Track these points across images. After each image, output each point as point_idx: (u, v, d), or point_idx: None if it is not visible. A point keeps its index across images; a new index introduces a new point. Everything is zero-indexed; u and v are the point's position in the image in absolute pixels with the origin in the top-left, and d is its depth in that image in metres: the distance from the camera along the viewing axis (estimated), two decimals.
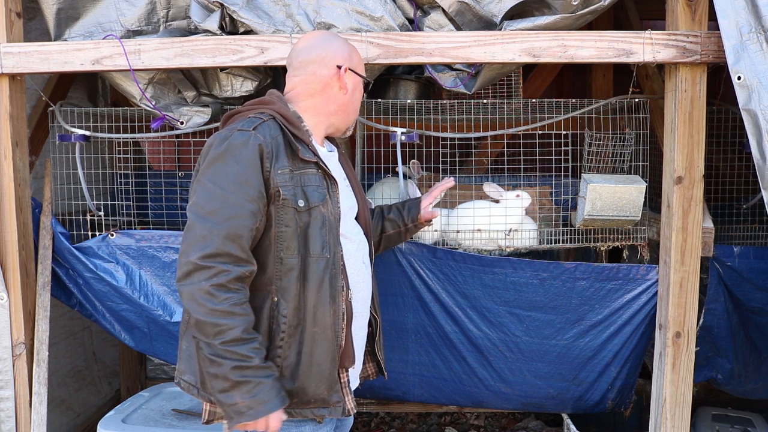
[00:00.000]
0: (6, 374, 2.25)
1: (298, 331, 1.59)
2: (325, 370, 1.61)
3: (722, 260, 2.42)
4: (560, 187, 2.54)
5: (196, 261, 1.47)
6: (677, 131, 2.11)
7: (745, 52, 1.90)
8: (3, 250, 2.23)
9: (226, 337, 1.46)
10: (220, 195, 1.50)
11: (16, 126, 2.24)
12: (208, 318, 1.46)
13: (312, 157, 1.63)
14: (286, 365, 1.59)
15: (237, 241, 1.50)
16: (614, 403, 2.54)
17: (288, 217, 1.57)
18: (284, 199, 1.56)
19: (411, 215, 2.06)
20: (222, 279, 1.47)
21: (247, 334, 1.48)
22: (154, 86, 2.38)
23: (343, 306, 1.64)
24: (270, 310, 1.58)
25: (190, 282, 1.47)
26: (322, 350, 1.60)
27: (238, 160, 1.52)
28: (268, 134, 1.58)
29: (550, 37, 2.10)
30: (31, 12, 2.51)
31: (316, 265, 1.59)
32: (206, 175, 1.54)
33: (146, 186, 2.96)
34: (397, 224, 2.06)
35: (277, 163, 1.56)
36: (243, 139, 1.54)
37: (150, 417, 2.51)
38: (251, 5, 2.19)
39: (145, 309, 2.41)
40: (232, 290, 1.48)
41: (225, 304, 1.46)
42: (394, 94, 2.68)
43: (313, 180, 1.62)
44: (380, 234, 2.06)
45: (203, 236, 1.48)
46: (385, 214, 2.07)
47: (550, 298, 2.41)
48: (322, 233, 1.60)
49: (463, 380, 2.53)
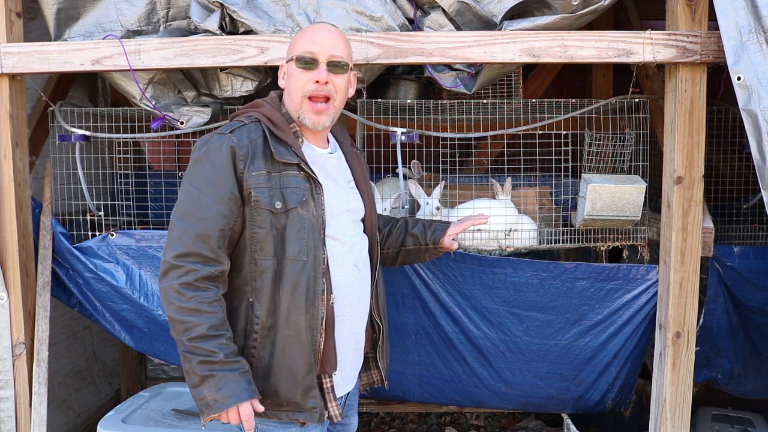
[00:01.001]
0: (6, 374, 2.25)
1: (271, 332, 1.61)
2: (298, 374, 1.61)
3: (722, 260, 2.42)
4: (560, 187, 2.54)
5: (170, 260, 1.53)
6: (677, 131, 2.11)
7: (744, 52, 1.90)
8: (3, 250, 2.23)
9: (192, 334, 1.50)
10: (195, 196, 1.56)
11: (16, 126, 2.24)
12: (176, 315, 1.51)
13: (293, 158, 1.63)
14: (260, 366, 1.61)
15: (207, 241, 1.54)
16: (614, 403, 2.54)
17: (261, 218, 1.59)
18: (256, 201, 1.58)
19: (434, 237, 2.00)
20: (190, 278, 1.52)
21: (214, 331, 1.51)
22: (154, 86, 2.38)
23: (323, 310, 1.62)
24: (246, 310, 1.62)
25: (164, 280, 1.54)
26: (295, 354, 1.61)
27: (213, 163, 1.57)
28: (246, 137, 1.61)
29: (550, 37, 2.10)
30: (31, 12, 2.51)
31: (291, 268, 1.59)
32: (187, 177, 1.60)
33: (146, 186, 2.96)
34: (419, 241, 2.01)
35: (252, 165, 1.58)
36: (219, 142, 1.58)
37: (150, 417, 2.51)
38: (251, 5, 2.19)
39: (145, 309, 2.41)
40: (200, 288, 1.52)
41: (192, 302, 1.51)
42: (394, 94, 2.68)
43: (294, 182, 1.62)
44: (400, 246, 2.02)
45: (178, 236, 1.55)
46: (409, 228, 2.03)
47: (550, 298, 2.41)
48: (299, 236, 1.60)
49: (463, 380, 2.53)
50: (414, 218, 2.10)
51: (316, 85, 1.65)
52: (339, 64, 1.67)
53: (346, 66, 1.70)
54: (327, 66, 1.66)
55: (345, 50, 1.70)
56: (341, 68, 1.68)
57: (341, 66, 1.68)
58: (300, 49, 1.67)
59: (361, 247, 1.77)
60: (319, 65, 1.66)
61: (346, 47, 1.72)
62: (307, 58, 1.66)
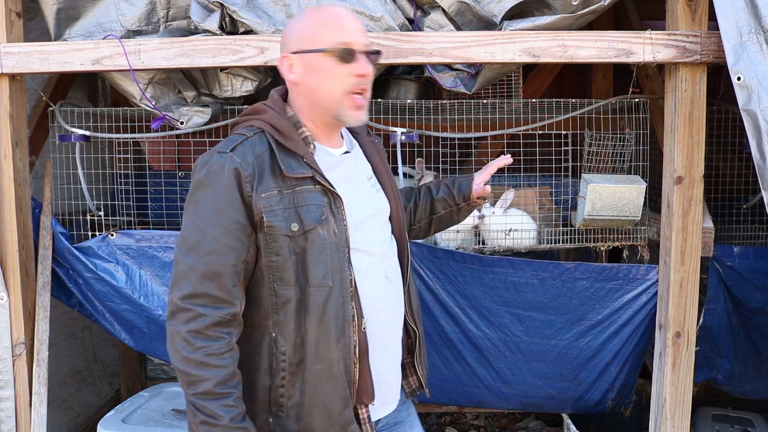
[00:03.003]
0: (6, 374, 2.24)
1: (300, 369, 1.43)
2: (334, 411, 1.43)
3: (722, 260, 2.42)
4: (560, 187, 2.54)
5: (177, 302, 1.36)
6: (677, 131, 2.11)
7: (744, 52, 1.90)
8: (3, 250, 2.23)
9: (198, 389, 1.34)
10: (199, 227, 1.38)
11: (16, 126, 2.24)
12: (180, 366, 1.35)
13: (306, 171, 1.43)
14: (291, 405, 1.44)
15: (215, 279, 1.36)
16: (614, 403, 2.54)
17: (278, 245, 1.40)
18: (270, 227, 1.39)
19: (462, 193, 1.82)
20: (199, 324, 1.34)
21: (221, 388, 1.34)
22: (154, 86, 2.38)
23: (355, 338, 1.44)
24: (269, 346, 1.44)
25: (171, 323, 1.38)
26: (328, 390, 1.43)
27: (215, 188, 1.38)
28: (250, 154, 1.40)
29: (550, 37, 2.10)
30: (31, 12, 2.50)
31: (316, 296, 1.41)
32: (189, 204, 1.42)
33: (146, 186, 2.95)
34: (448, 203, 1.84)
35: (260, 185, 1.39)
36: (220, 163, 1.38)
37: (150, 417, 2.51)
38: (251, 5, 2.19)
39: (145, 309, 2.41)
40: (209, 338, 1.35)
41: (198, 354, 1.34)
42: (394, 94, 2.68)
43: (309, 198, 1.42)
44: (430, 215, 1.86)
45: (184, 274, 1.37)
46: (434, 194, 1.84)
47: (550, 298, 2.41)
48: (322, 258, 1.41)
49: (463, 380, 2.53)
50: (435, 182, 1.92)
51: (359, 79, 1.45)
52: (374, 51, 1.50)
53: (378, 53, 1.52)
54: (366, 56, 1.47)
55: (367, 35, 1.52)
56: (375, 57, 1.50)
57: (375, 54, 1.50)
58: (332, 39, 1.44)
59: (390, 254, 1.58)
60: (358, 56, 1.45)
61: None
62: (347, 50, 1.43)
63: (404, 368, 1.68)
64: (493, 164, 1.84)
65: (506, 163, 1.84)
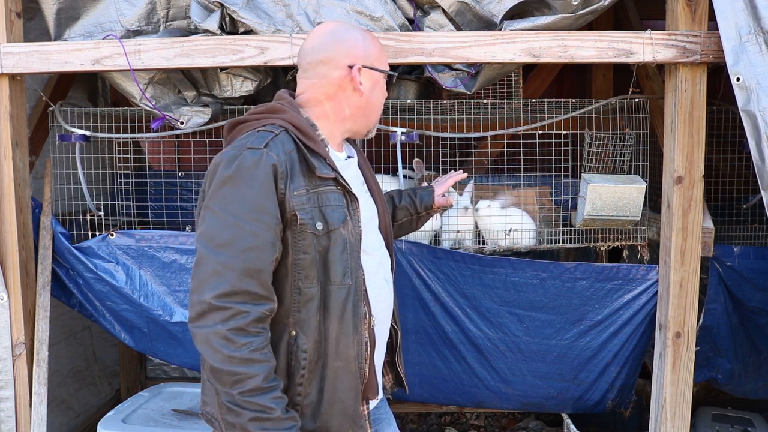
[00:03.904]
0: (6, 374, 2.25)
1: (318, 366, 1.45)
2: (349, 406, 1.47)
3: (722, 260, 2.42)
4: (560, 187, 2.54)
5: (211, 301, 1.31)
6: (677, 131, 2.11)
7: (744, 53, 1.90)
8: (3, 250, 2.23)
9: (245, 387, 1.31)
10: (233, 224, 1.34)
11: (16, 126, 2.24)
12: (225, 366, 1.31)
13: (330, 172, 1.46)
14: (307, 403, 1.45)
15: (256, 276, 1.34)
16: (614, 403, 2.55)
17: (306, 243, 1.41)
18: (302, 224, 1.40)
19: (424, 203, 1.96)
20: (240, 322, 1.31)
21: (268, 383, 1.34)
22: (154, 86, 2.38)
23: (366, 335, 1.49)
24: (288, 345, 1.43)
25: (203, 324, 1.33)
26: (346, 385, 1.47)
27: (250, 184, 1.36)
28: (282, 151, 1.41)
29: (550, 37, 2.10)
30: (31, 12, 2.51)
31: (337, 294, 1.44)
32: (215, 200, 1.37)
33: (146, 186, 2.96)
34: (409, 212, 1.96)
35: (292, 183, 1.40)
36: (254, 158, 1.37)
37: (150, 417, 2.51)
38: (251, 5, 2.19)
39: (145, 309, 2.41)
40: (252, 334, 1.33)
41: (244, 351, 1.31)
42: (394, 94, 2.68)
43: (332, 199, 1.46)
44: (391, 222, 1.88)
45: (216, 271, 1.33)
46: (396, 202, 1.95)
47: (550, 298, 2.41)
48: (343, 258, 1.44)
49: (463, 380, 2.53)
50: (396, 191, 2.01)
51: None
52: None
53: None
54: None
55: None
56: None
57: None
58: (385, 62, 1.61)
59: (387, 256, 1.65)
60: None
61: None
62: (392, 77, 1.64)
63: (384, 366, 1.73)
64: (450, 178, 2.06)
65: (462, 178, 2.08)
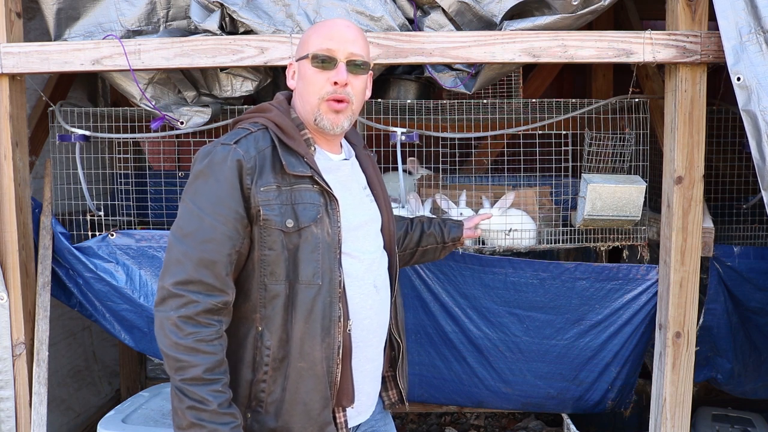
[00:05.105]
0: (6, 374, 2.25)
1: (283, 365, 1.45)
2: (313, 410, 1.46)
3: (722, 260, 2.42)
4: (560, 187, 2.54)
5: (169, 287, 1.37)
6: (677, 131, 2.11)
7: (744, 53, 1.90)
8: (3, 250, 2.23)
9: (186, 375, 1.35)
10: (197, 215, 1.39)
11: (16, 126, 2.24)
12: (170, 351, 1.36)
13: (306, 171, 1.46)
14: (271, 401, 1.46)
15: (210, 267, 1.37)
16: (614, 403, 2.55)
17: (272, 239, 1.43)
18: (266, 220, 1.42)
19: (452, 235, 2.01)
20: (190, 310, 1.36)
21: (209, 374, 1.35)
22: (154, 86, 2.38)
23: (339, 339, 1.47)
24: (254, 340, 1.46)
25: (161, 309, 1.38)
26: (310, 388, 1.45)
27: (216, 178, 1.40)
28: (253, 147, 1.44)
29: (550, 37, 2.10)
30: (31, 12, 2.51)
31: (305, 293, 1.44)
32: (188, 192, 1.43)
33: (146, 186, 2.96)
34: (436, 240, 1.99)
35: (260, 179, 1.42)
36: (223, 154, 1.41)
37: (150, 417, 2.51)
38: (251, 5, 2.19)
39: (145, 309, 2.41)
40: (200, 324, 1.36)
41: (189, 339, 1.35)
42: (394, 94, 2.68)
43: (307, 197, 1.46)
44: (416, 246, 1.96)
45: (178, 260, 1.38)
46: (425, 228, 1.98)
47: (550, 298, 2.41)
48: (314, 257, 1.44)
49: (463, 380, 2.53)
50: (427, 217, 2.04)
51: (335, 87, 1.49)
52: (359, 63, 1.50)
53: (366, 66, 1.53)
54: (346, 65, 1.49)
55: (364, 48, 1.53)
56: (361, 68, 1.51)
57: (361, 66, 1.51)
58: (316, 45, 1.49)
59: (380, 264, 1.62)
60: (338, 64, 1.49)
61: (366, 45, 1.54)
62: (324, 57, 1.48)
63: (385, 380, 1.71)
64: (478, 217, 2.15)
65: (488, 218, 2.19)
